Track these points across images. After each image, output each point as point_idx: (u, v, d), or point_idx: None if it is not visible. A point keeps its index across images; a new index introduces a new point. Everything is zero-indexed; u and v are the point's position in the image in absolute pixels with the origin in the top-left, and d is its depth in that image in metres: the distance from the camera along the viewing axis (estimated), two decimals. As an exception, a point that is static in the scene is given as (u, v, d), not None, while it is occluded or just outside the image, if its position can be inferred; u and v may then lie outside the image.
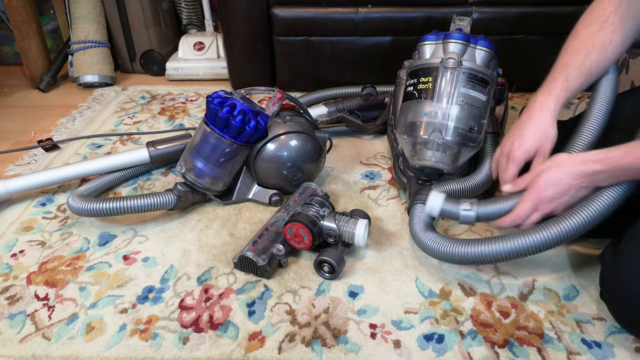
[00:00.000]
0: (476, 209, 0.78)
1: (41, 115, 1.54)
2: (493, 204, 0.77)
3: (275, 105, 1.00)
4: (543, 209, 0.71)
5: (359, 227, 0.83)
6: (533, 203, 0.71)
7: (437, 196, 0.80)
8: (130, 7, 1.74)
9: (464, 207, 0.78)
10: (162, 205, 0.95)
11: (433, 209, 0.80)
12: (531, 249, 0.71)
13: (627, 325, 0.71)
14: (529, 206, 0.71)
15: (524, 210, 0.72)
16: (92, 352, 0.71)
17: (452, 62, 0.92)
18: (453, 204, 0.80)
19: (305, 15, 1.46)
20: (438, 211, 0.80)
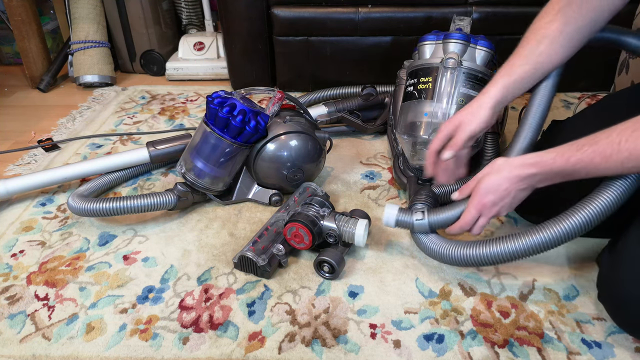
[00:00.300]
0: (427, 218, 0.81)
1: (41, 115, 1.54)
2: (443, 212, 0.81)
3: (275, 105, 1.00)
4: (487, 213, 0.74)
5: (359, 227, 0.83)
6: (477, 209, 0.74)
7: (391, 208, 0.83)
8: (130, 7, 1.74)
9: (416, 217, 0.82)
10: (162, 205, 0.95)
11: (389, 220, 0.83)
12: (532, 249, 0.71)
13: (625, 326, 0.71)
14: (474, 212, 0.75)
15: (470, 216, 0.75)
16: (92, 352, 0.71)
17: (452, 62, 0.92)
18: (407, 214, 0.83)
19: (305, 15, 1.46)
20: (394, 222, 0.83)
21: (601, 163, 0.63)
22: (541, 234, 0.70)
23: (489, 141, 1.02)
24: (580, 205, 0.69)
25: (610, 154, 0.62)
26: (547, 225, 0.71)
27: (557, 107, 1.47)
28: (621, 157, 0.62)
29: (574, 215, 0.69)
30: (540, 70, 0.79)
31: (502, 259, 0.73)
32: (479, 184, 0.74)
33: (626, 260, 0.68)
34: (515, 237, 0.72)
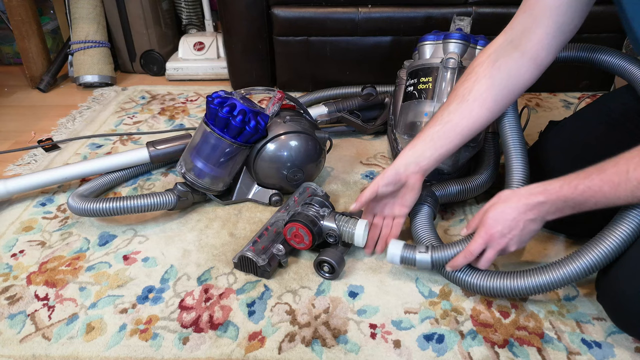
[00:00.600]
0: (430, 254, 0.78)
1: (41, 115, 1.54)
2: (447, 248, 0.77)
3: (275, 105, 1.00)
4: (495, 245, 0.71)
5: (358, 227, 0.83)
6: (484, 239, 0.71)
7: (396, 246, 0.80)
8: (130, 7, 1.74)
9: (419, 250, 0.79)
10: (162, 205, 0.95)
11: (394, 257, 0.80)
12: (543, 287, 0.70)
13: (624, 327, 0.71)
14: (480, 242, 0.72)
15: (476, 246, 0.72)
16: (92, 352, 0.71)
17: (453, 62, 0.92)
18: (410, 250, 0.79)
19: (305, 15, 1.46)
20: (399, 259, 0.80)
21: (610, 192, 0.62)
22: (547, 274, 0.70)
23: (489, 141, 1.02)
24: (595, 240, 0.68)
25: (619, 182, 0.61)
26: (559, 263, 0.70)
27: (557, 107, 1.47)
28: (630, 185, 0.60)
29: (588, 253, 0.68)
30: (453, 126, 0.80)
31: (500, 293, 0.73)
32: (486, 214, 0.72)
33: (623, 261, 0.68)
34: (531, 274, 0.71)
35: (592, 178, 0.63)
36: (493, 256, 0.72)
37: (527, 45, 0.77)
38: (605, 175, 0.62)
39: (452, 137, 0.80)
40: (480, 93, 0.79)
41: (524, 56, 0.77)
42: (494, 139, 1.02)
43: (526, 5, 0.77)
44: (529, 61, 0.77)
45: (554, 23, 0.74)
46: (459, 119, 0.80)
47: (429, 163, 0.81)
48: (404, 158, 0.81)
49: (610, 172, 0.62)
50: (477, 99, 0.79)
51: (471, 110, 0.79)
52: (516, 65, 0.78)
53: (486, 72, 0.79)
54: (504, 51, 0.78)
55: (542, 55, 0.77)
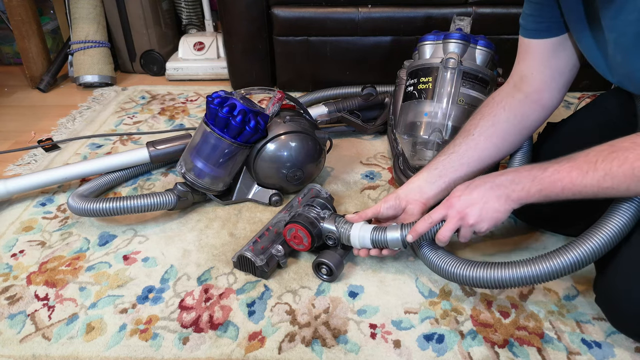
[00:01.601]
0: (400, 232, 0.77)
1: (41, 115, 1.54)
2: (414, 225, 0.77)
3: (275, 105, 1.00)
4: (453, 213, 0.71)
5: (354, 229, 0.82)
6: (445, 207, 0.73)
7: (365, 229, 0.80)
8: (130, 7, 1.74)
9: (390, 232, 0.78)
10: (162, 205, 0.95)
11: (364, 240, 0.79)
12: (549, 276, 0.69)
13: (622, 329, 0.72)
14: (441, 209, 0.73)
15: (436, 214, 0.73)
16: (92, 352, 0.71)
17: (452, 62, 0.92)
18: (381, 232, 0.79)
19: (305, 15, 1.46)
20: (370, 242, 0.79)
21: (578, 178, 0.63)
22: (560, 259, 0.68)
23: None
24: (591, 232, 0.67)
25: (587, 170, 0.62)
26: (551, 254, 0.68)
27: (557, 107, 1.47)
28: (597, 175, 0.62)
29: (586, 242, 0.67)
30: (461, 159, 0.82)
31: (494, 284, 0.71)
32: (453, 189, 0.74)
33: (618, 262, 0.68)
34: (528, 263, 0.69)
35: (562, 163, 0.65)
36: (452, 226, 0.72)
37: (528, 89, 0.80)
38: (575, 162, 0.64)
39: (456, 166, 0.81)
40: (486, 128, 0.81)
41: (528, 98, 0.80)
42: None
43: (521, 54, 0.80)
44: (533, 103, 0.80)
45: (550, 68, 0.78)
46: (464, 150, 0.82)
47: (433, 192, 0.82)
48: (408, 186, 0.83)
49: (580, 160, 0.64)
50: (483, 134, 0.81)
51: (477, 143, 0.81)
52: (520, 106, 0.80)
53: (492, 111, 0.81)
54: (509, 94, 0.81)
55: (545, 97, 0.80)
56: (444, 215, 0.73)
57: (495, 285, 0.70)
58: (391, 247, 0.80)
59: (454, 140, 0.84)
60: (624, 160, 0.60)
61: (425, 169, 0.84)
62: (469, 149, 0.82)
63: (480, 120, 0.82)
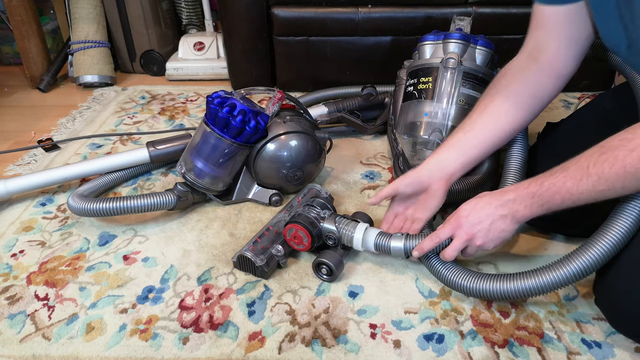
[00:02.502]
0: (404, 242, 0.78)
1: (41, 115, 1.54)
2: (419, 238, 0.78)
3: (275, 105, 1.00)
4: (462, 234, 0.72)
5: (357, 231, 0.83)
6: (452, 226, 0.73)
7: (371, 233, 0.81)
8: (130, 7, 1.74)
9: (394, 241, 0.79)
10: (162, 205, 0.95)
11: (368, 244, 0.81)
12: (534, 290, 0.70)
13: (622, 330, 0.71)
14: (449, 228, 0.73)
15: (443, 231, 0.74)
16: (92, 352, 0.71)
17: (452, 62, 0.92)
18: (385, 238, 0.80)
19: (305, 15, 1.46)
20: (373, 245, 0.81)
21: (573, 187, 0.64)
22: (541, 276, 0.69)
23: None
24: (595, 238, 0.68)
25: (581, 177, 0.63)
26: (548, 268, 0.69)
27: (557, 107, 1.47)
28: (591, 180, 0.62)
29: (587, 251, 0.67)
30: (475, 134, 0.82)
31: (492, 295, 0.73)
32: (460, 206, 0.74)
33: (618, 264, 0.68)
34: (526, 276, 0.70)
35: (556, 175, 0.66)
36: (459, 245, 0.73)
37: (543, 58, 0.79)
38: (568, 172, 0.65)
39: (475, 143, 0.82)
40: (502, 102, 0.81)
41: (543, 68, 0.79)
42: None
43: (536, 22, 0.79)
44: (548, 72, 0.79)
45: (565, 36, 0.77)
46: (481, 126, 0.81)
47: (454, 167, 0.82)
48: (427, 164, 0.82)
49: (572, 169, 0.64)
50: (498, 109, 0.81)
51: (494, 119, 0.81)
52: (535, 77, 0.80)
53: (507, 84, 0.81)
54: (523, 65, 0.81)
55: (559, 67, 0.79)
56: (451, 234, 0.74)
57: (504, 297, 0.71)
58: (393, 256, 0.81)
59: (470, 116, 0.83)
60: (614, 161, 0.60)
61: (443, 146, 0.83)
62: (486, 124, 0.81)
63: (496, 96, 0.81)
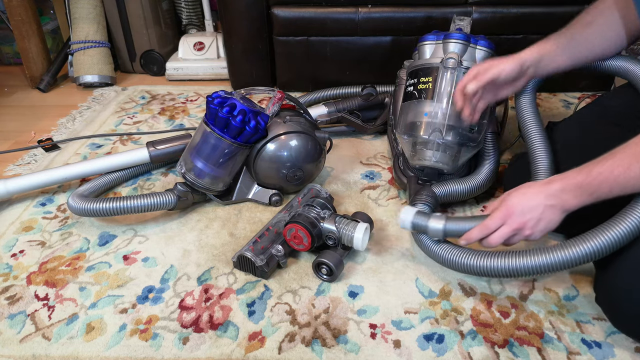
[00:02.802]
0: (444, 224, 0.78)
1: (41, 115, 1.54)
2: (462, 221, 0.78)
3: (275, 105, 1.00)
4: (512, 223, 0.71)
5: (357, 231, 0.83)
6: (503, 215, 0.72)
7: (408, 211, 0.81)
8: (130, 7, 1.74)
9: (433, 221, 0.79)
10: (162, 205, 0.95)
11: (405, 222, 0.81)
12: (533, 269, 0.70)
13: (623, 328, 0.71)
14: (499, 217, 0.72)
15: (493, 221, 0.73)
16: (92, 352, 0.71)
17: (452, 62, 0.92)
18: (423, 217, 0.80)
19: (305, 15, 1.46)
20: (410, 224, 0.81)
21: (621, 175, 0.64)
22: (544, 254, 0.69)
23: (489, 141, 1.02)
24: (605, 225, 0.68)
25: (629, 164, 0.63)
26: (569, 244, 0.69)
27: (557, 107, 1.47)
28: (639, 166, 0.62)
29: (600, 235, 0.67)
30: (574, 46, 0.84)
31: (502, 273, 0.72)
32: (508, 195, 0.73)
33: (621, 262, 0.68)
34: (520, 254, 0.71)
35: (603, 163, 0.66)
36: (507, 234, 0.72)
37: None
38: (615, 159, 0.65)
39: (579, 49, 0.85)
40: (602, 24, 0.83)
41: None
42: (493, 139, 1.02)
43: None
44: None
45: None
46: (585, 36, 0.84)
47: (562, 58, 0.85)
48: (531, 54, 0.85)
49: (619, 156, 0.65)
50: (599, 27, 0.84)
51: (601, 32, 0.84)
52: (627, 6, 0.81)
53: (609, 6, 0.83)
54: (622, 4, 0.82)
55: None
56: (501, 224, 0.72)
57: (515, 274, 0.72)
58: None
59: (572, 27, 0.86)
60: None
61: (546, 42, 0.85)
62: (590, 35, 0.84)
63: (598, 16, 0.83)
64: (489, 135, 1.02)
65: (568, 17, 0.86)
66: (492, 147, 1.01)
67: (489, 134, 1.02)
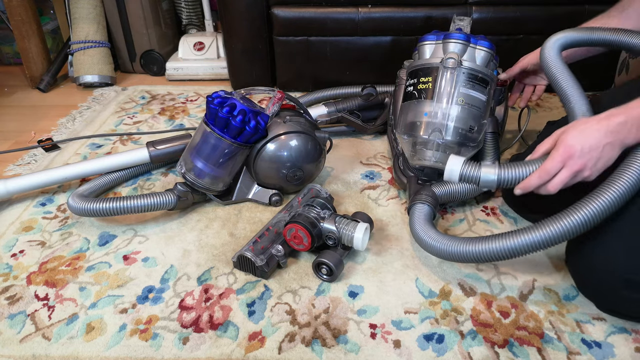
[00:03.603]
0: (497, 172, 0.72)
1: (41, 115, 1.54)
2: (515, 167, 0.72)
3: (275, 105, 1.00)
4: (572, 165, 0.67)
5: (357, 231, 0.83)
6: (562, 157, 0.67)
7: (456, 160, 0.74)
8: (130, 7, 1.74)
9: (485, 170, 0.73)
10: (162, 205, 0.95)
11: (452, 174, 0.74)
12: (531, 246, 0.71)
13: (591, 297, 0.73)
14: (559, 160, 0.68)
15: (553, 164, 0.68)
16: (92, 352, 0.72)
17: (452, 62, 0.91)
18: (473, 167, 0.74)
19: (305, 15, 1.46)
20: (457, 176, 0.74)
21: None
22: (537, 231, 0.70)
23: (489, 141, 1.02)
24: (582, 202, 0.68)
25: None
26: (546, 223, 0.70)
27: (557, 107, 1.47)
28: None
29: (575, 213, 0.68)
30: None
31: (503, 255, 0.72)
32: (564, 134, 0.69)
33: (599, 232, 0.68)
34: (516, 234, 0.71)
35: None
36: (567, 178, 0.68)
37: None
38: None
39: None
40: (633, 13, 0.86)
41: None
42: (494, 138, 1.02)
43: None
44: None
45: None
46: (617, 23, 0.86)
47: (578, 53, 0.92)
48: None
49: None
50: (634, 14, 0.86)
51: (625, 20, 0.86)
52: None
53: None
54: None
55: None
56: (561, 167, 0.68)
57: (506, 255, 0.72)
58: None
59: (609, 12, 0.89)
60: None
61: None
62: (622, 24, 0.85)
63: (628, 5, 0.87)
64: (489, 135, 1.02)
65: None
66: (492, 147, 1.01)
67: (489, 134, 1.02)
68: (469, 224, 0.98)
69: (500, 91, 1.08)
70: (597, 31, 0.84)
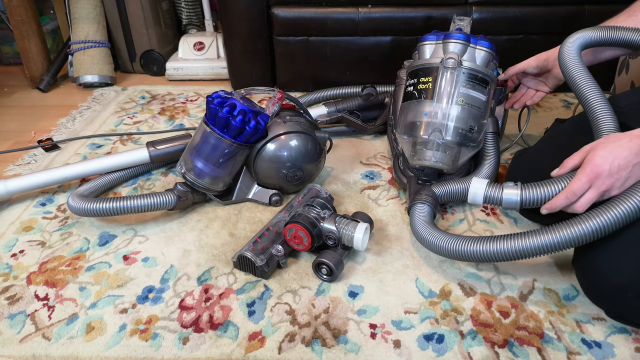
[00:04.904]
0: (519, 194, 0.73)
1: (41, 115, 1.54)
2: (540, 186, 0.72)
3: (275, 105, 1.00)
4: (599, 185, 0.66)
5: (358, 231, 0.83)
6: (589, 178, 0.66)
7: (479, 183, 0.75)
8: (130, 7, 1.74)
9: (507, 191, 0.73)
10: (162, 205, 0.95)
11: (476, 197, 0.75)
12: (532, 250, 0.71)
13: (592, 297, 0.73)
14: (585, 181, 0.66)
15: (579, 185, 0.66)
16: (92, 352, 0.72)
17: (452, 62, 0.91)
18: (496, 189, 0.75)
19: (305, 15, 1.46)
20: (482, 198, 0.75)
21: None
22: (542, 235, 0.70)
23: (489, 141, 1.02)
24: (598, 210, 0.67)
25: None
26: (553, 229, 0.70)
27: (557, 107, 1.47)
28: None
29: (589, 220, 0.67)
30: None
31: (504, 256, 0.73)
32: (592, 151, 0.67)
33: (609, 239, 0.68)
34: (521, 236, 0.71)
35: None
36: (594, 198, 0.67)
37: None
38: None
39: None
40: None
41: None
42: (494, 138, 1.02)
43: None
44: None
45: None
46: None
47: (586, 57, 0.89)
48: (554, 50, 0.95)
49: None
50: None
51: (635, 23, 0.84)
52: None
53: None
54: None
55: None
56: (588, 187, 0.66)
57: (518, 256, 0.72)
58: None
59: (616, 18, 0.88)
60: None
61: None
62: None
63: None
64: (489, 135, 1.02)
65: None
66: (492, 147, 1.01)
67: (489, 134, 1.02)
68: (469, 224, 0.98)
69: (500, 91, 1.08)
70: (619, 30, 0.81)
